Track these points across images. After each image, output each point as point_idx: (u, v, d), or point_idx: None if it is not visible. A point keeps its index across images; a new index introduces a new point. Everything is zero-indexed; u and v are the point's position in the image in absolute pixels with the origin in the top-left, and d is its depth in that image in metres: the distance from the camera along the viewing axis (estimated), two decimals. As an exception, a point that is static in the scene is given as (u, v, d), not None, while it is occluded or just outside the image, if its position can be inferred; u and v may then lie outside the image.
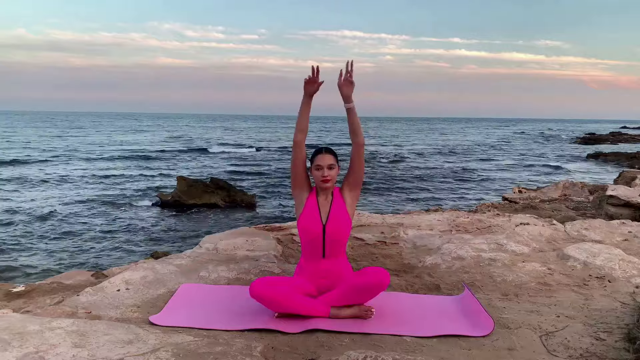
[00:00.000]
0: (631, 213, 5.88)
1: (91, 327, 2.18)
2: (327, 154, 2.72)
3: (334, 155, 2.74)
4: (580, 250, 3.53)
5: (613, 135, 58.66)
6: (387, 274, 2.54)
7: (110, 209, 15.69)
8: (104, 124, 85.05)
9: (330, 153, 2.74)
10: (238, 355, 2.00)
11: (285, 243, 3.88)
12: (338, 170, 2.75)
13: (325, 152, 2.73)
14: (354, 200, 2.77)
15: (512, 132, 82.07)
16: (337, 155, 2.77)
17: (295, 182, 2.75)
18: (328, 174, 2.68)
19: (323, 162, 2.69)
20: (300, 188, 2.75)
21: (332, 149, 2.80)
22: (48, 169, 25.16)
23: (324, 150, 2.74)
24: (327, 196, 2.72)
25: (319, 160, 2.71)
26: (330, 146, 2.92)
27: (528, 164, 30.94)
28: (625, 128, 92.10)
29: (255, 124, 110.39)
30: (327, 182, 2.69)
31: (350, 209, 2.73)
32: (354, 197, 2.76)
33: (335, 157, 2.74)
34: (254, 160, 31.45)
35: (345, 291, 2.53)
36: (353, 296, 2.53)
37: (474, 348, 2.19)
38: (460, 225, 4.35)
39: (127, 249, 11.32)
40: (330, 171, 2.68)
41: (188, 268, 3.25)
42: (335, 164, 2.72)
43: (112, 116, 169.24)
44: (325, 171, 2.68)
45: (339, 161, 2.76)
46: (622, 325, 2.39)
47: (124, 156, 31.90)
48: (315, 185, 2.76)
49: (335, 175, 2.72)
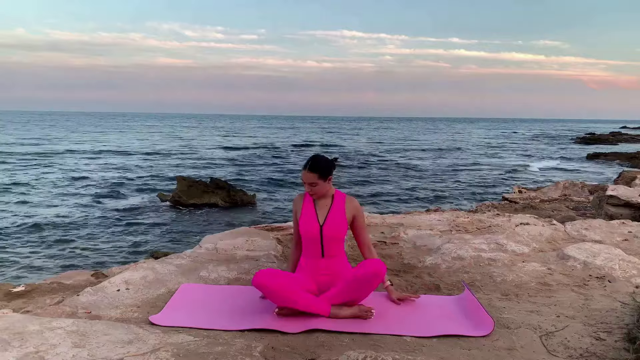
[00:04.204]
0: (631, 213, 5.88)
1: (91, 327, 2.18)
2: (309, 172, 2.65)
3: (316, 172, 2.65)
4: (580, 250, 3.53)
5: (613, 135, 58.65)
6: (382, 264, 2.55)
7: (110, 208, 15.68)
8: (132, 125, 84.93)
9: (313, 171, 2.65)
10: (238, 355, 2.00)
11: (285, 243, 3.88)
12: (326, 182, 2.69)
13: (308, 170, 2.66)
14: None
15: (512, 132, 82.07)
16: (323, 169, 2.66)
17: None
18: (310, 190, 2.68)
19: (305, 179, 2.68)
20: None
21: (318, 162, 2.68)
22: (53, 166, 25.18)
23: (308, 167, 2.67)
24: (327, 199, 2.74)
25: (302, 176, 2.70)
26: (324, 149, 2.85)
27: (528, 164, 30.93)
28: (625, 128, 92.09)
29: (256, 123, 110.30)
30: (312, 195, 2.72)
31: (349, 217, 2.75)
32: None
33: (318, 174, 2.64)
34: (254, 161, 31.45)
35: (344, 286, 2.53)
36: (353, 290, 2.52)
37: (474, 348, 2.19)
38: (460, 225, 4.35)
39: (127, 249, 11.32)
40: (313, 188, 2.67)
41: (188, 268, 3.25)
42: (317, 181, 2.65)
43: (112, 116, 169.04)
44: (307, 187, 2.68)
45: (326, 173, 2.67)
46: (622, 325, 2.38)
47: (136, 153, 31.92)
48: None
49: (320, 189, 2.68)
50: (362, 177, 23.54)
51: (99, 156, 31.72)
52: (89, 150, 35.39)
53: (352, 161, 30.03)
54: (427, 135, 68.79)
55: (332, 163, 2.74)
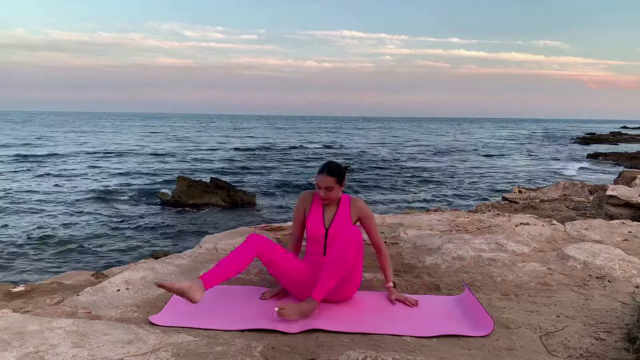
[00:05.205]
0: (631, 213, 5.87)
1: (91, 327, 2.18)
2: (327, 176, 2.64)
3: (334, 177, 2.65)
4: (580, 250, 3.52)
5: (613, 135, 58.68)
6: (355, 229, 2.51)
7: (110, 208, 15.69)
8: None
9: (331, 174, 2.65)
10: (238, 355, 2.00)
11: (285, 243, 3.87)
12: (341, 187, 2.70)
13: (326, 174, 2.65)
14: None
15: (512, 132, 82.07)
16: (339, 174, 2.67)
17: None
18: (325, 195, 2.67)
19: (321, 183, 2.66)
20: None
21: (336, 167, 2.70)
22: (53, 166, 25.17)
23: (326, 171, 2.66)
24: (333, 204, 2.76)
25: (319, 180, 2.68)
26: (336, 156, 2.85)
27: (528, 163, 30.91)
28: (626, 128, 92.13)
29: (256, 123, 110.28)
30: (325, 201, 2.72)
31: (353, 219, 2.76)
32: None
33: (336, 178, 2.65)
34: (254, 161, 31.43)
35: (328, 264, 2.47)
36: (335, 262, 2.45)
37: (474, 348, 2.18)
38: (460, 225, 4.35)
39: (127, 249, 11.33)
40: (328, 192, 2.66)
41: (188, 268, 3.25)
42: (334, 185, 2.65)
43: (112, 116, 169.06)
44: (322, 192, 2.67)
45: (342, 179, 2.68)
46: (622, 325, 2.38)
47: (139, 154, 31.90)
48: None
49: (334, 195, 2.68)
50: (363, 178, 23.54)
51: (99, 156, 31.71)
52: (89, 150, 35.38)
53: (351, 161, 30.03)
54: (427, 135, 68.76)
55: (345, 170, 2.76)
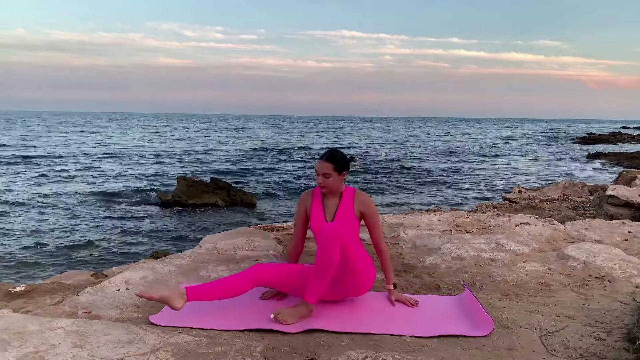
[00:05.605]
0: (631, 213, 5.88)
1: (91, 327, 2.18)
2: (325, 162, 2.64)
3: (332, 163, 2.64)
4: (580, 250, 3.53)
5: (613, 135, 58.71)
6: (333, 225, 2.45)
7: (110, 208, 15.69)
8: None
9: (329, 161, 2.64)
10: (238, 355, 2.00)
11: (285, 243, 3.88)
12: (340, 176, 2.67)
13: (324, 160, 2.65)
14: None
15: (512, 132, 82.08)
16: (339, 162, 2.65)
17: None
18: (322, 182, 2.65)
19: (319, 169, 2.66)
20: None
21: (338, 154, 2.68)
22: (53, 167, 25.17)
23: (325, 157, 2.66)
24: (335, 197, 2.72)
25: (317, 166, 2.68)
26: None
27: (528, 164, 30.91)
28: (626, 128, 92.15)
29: (256, 123, 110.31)
30: (322, 188, 2.69)
31: (357, 213, 2.71)
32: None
33: (334, 165, 2.64)
34: (254, 161, 31.43)
35: (314, 265, 2.45)
36: (322, 265, 2.41)
37: (474, 348, 2.18)
38: (460, 225, 4.35)
39: (127, 249, 11.33)
40: (326, 179, 2.64)
41: (188, 268, 3.25)
42: (332, 173, 2.63)
43: (111, 116, 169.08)
44: (319, 178, 2.66)
45: (342, 168, 2.66)
46: (622, 325, 2.38)
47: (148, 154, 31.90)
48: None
49: (332, 183, 2.65)
50: (363, 178, 23.54)
51: (99, 156, 31.72)
52: (89, 151, 35.39)
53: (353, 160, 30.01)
54: (427, 135, 68.75)
55: (348, 159, 2.72)
